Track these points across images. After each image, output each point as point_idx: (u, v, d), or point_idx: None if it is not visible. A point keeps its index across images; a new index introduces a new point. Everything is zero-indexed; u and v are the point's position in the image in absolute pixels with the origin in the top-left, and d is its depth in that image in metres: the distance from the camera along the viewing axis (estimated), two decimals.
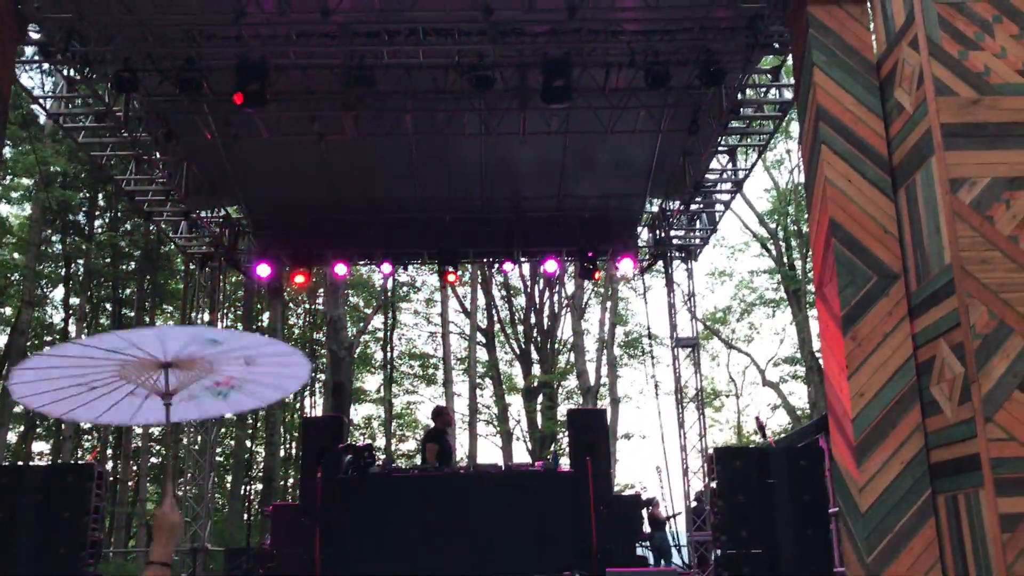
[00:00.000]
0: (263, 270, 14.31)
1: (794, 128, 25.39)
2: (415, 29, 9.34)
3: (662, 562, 14.05)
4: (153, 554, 2.56)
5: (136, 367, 3.05)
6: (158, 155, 11.83)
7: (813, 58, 7.55)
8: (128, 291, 26.36)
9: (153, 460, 28.46)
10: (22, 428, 25.96)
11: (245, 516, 27.15)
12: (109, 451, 26.91)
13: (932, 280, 6.44)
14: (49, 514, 7.72)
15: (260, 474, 27.63)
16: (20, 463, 21.27)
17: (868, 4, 7.70)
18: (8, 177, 23.01)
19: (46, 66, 11.16)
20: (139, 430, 26.32)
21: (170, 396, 3.05)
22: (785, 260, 27.68)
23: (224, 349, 3.12)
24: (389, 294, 29.14)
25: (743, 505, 8.51)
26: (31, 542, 7.65)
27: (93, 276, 25.09)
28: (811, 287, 26.13)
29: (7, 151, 21.29)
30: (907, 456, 6.55)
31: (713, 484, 9.01)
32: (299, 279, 14.50)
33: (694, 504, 14.03)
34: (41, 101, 11.09)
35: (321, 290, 25.45)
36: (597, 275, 14.98)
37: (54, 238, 24.86)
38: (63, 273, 25.24)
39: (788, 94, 10.92)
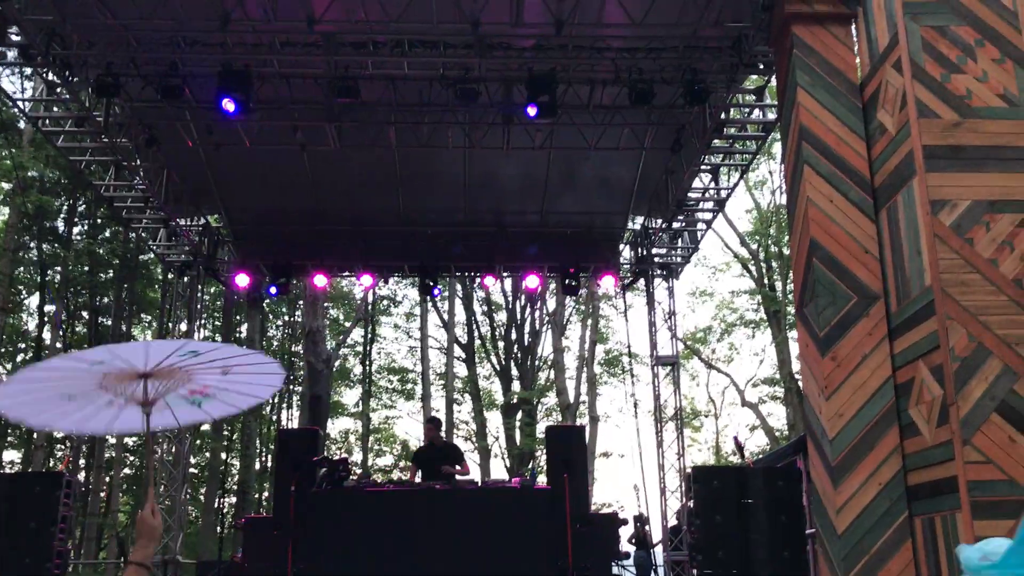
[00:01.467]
0: (242, 280, 14.21)
1: (777, 149, 25.54)
2: (401, 41, 9.32)
3: None
4: (133, 555, 2.56)
5: (116, 378, 3.07)
6: (138, 161, 11.71)
7: (797, 79, 7.57)
8: (105, 299, 26.10)
9: (126, 471, 28.13)
10: None
11: (219, 529, 26.83)
12: (82, 461, 26.57)
13: (912, 301, 6.44)
14: (16, 524, 7.57)
15: (235, 487, 27.35)
16: None
17: (852, 26, 7.75)
18: None
19: (27, 70, 11.04)
20: (112, 440, 26.03)
21: (149, 405, 3.07)
22: (766, 281, 27.79)
23: (202, 360, 3.16)
24: (369, 307, 29.00)
25: (720, 525, 8.46)
26: None
27: (70, 284, 24.83)
28: (791, 308, 26.23)
29: None
30: (885, 478, 6.53)
31: (690, 504, 8.96)
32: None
33: (672, 523, 13.97)
34: (20, 104, 10.96)
35: (301, 302, 25.28)
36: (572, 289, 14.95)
37: (31, 244, 24.60)
38: (39, 280, 24.96)
39: (772, 114, 10.97)
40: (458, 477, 10.24)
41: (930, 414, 6.12)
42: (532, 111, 9.49)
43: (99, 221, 24.71)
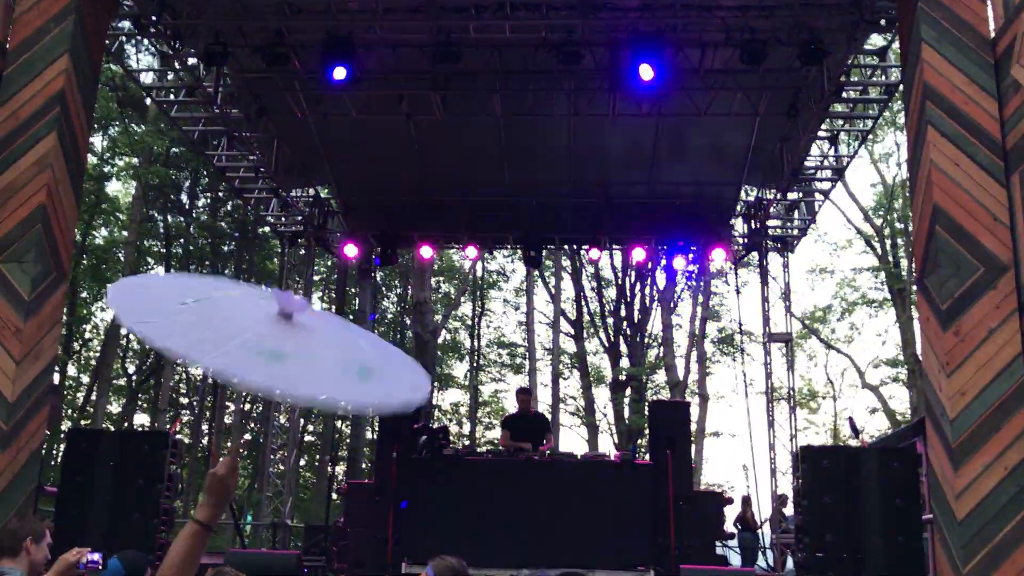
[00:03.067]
0: (350, 250, 14.37)
1: (903, 119, 24.34)
2: (503, 3, 9.14)
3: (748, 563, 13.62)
4: (199, 511, 2.25)
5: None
6: (248, 132, 11.93)
7: (921, 33, 7.03)
8: (226, 271, 27.01)
9: (247, 437, 29.17)
10: (123, 400, 26.91)
11: (330, 495, 27.57)
12: (204, 427, 27.68)
13: None
14: (124, 480, 7.82)
15: (346, 453, 28.01)
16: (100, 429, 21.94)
17: None
18: (115, 156, 23.79)
19: (146, 47, 11.38)
20: (232, 407, 27.01)
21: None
22: (890, 258, 26.59)
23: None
24: (479, 280, 29.14)
25: (829, 507, 8.05)
26: (105, 507, 7.76)
27: (192, 255, 25.78)
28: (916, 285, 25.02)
29: (113, 131, 22.01)
30: (1012, 462, 6.04)
31: (798, 484, 8.58)
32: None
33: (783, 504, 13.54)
34: (137, 76, 11.28)
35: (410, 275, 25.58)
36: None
37: (158, 216, 25.63)
38: (164, 251, 26.01)
39: (894, 76, 10.33)
40: (559, 449, 10.17)
41: None
42: (647, 73, 9.05)
43: (220, 194, 25.53)
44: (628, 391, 27.09)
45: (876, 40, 10.52)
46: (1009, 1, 6.70)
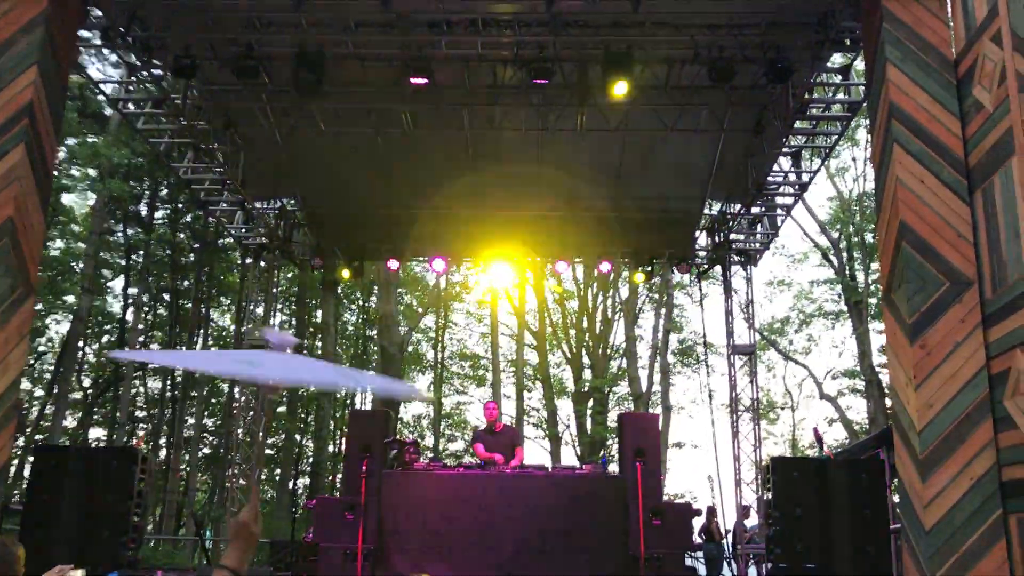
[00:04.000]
0: (316, 263, 14.30)
1: (860, 135, 24.80)
2: (474, 19, 9.19)
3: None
4: (227, 558, 2.33)
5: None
6: (216, 144, 11.85)
7: (887, 54, 7.21)
8: (186, 283, 26.69)
9: (205, 451, 28.80)
10: (80, 413, 26.45)
11: (292, 509, 27.29)
12: (163, 440, 27.27)
13: (1009, 288, 6.09)
14: (93, 496, 7.70)
15: (309, 468, 27.79)
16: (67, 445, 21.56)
17: None
18: (73, 168, 23.43)
19: (111, 58, 11.24)
20: (191, 420, 26.66)
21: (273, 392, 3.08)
22: (847, 271, 27.04)
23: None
24: (442, 294, 29.12)
25: (799, 518, 8.17)
26: (74, 523, 7.64)
27: (152, 267, 25.45)
28: (873, 299, 25.47)
29: (72, 141, 21.70)
30: (977, 472, 6.19)
31: (768, 495, 8.69)
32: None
33: (744, 517, 13.68)
34: (101, 87, 11.15)
35: (376, 287, 25.49)
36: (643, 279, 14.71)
37: (117, 228, 25.28)
38: (124, 263, 25.65)
39: (857, 95, 10.55)
40: (525, 461, 10.18)
41: None
42: (621, 89, 9.17)
43: (180, 206, 25.26)
44: (591, 403, 27.22)
45: (838, 58, 10.75)
46: (970, 23, 6.89)
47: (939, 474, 6.26)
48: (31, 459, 8.16)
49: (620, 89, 9.29)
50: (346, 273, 14.46)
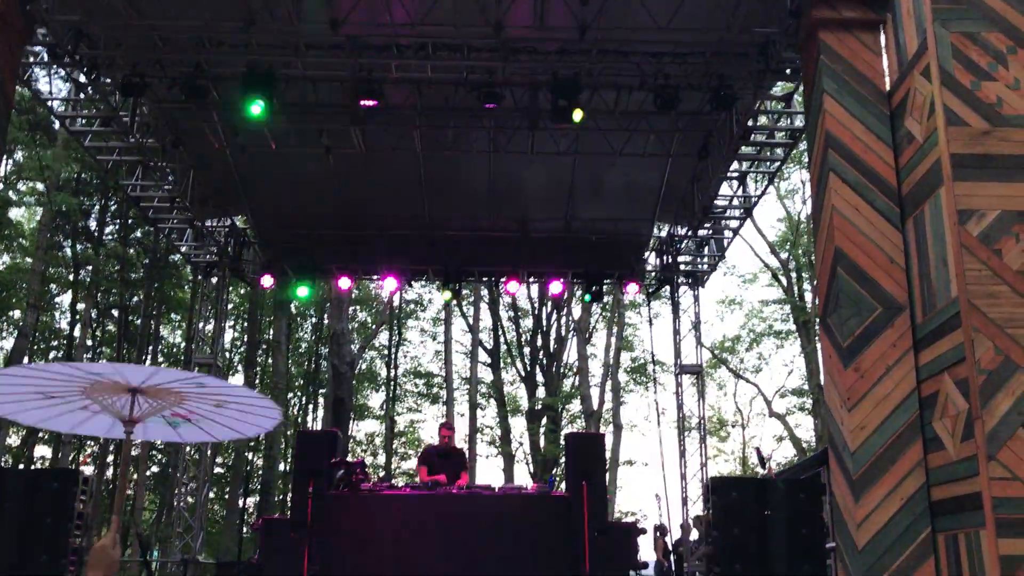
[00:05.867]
0: (267, 281, 14.27)
1: (807, 158, 25.27)
2: (425, 44, 9.29)
3: None
4: None
5: (104, 388, 3.04)
6: (165, 162, 11.79)
7: (823, 85, 7.45)
8: (135, 299, 26.34)
9: (153, 469, 28.36)
10: (24, 432, 25.92)
11: (242, 529, 26.98)
12: (109, 458, 26.82)
13: (938, 313, 6.31)
14: (32, 520, 7.59)
15: (259, 487, 27.48)
16: (8, 466, 21.16)
17: (881, 32, 7.61)
18: (20, 182, 23.10)
19: (61, 72, 11.13)
20: (139, 440, 26.22)
21: (132, 424, 3.05)
22: (795, 291, 27.51)
23: (204, 391, 3.14)
24: (395, 311, 29.05)
25: (738, 537, 8.31)
26: (13, 547, 7.52)
27: (101, 283, 25.10)
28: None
29: (19, 155, 21.39)
30: (907, 492, 6.39)
31: (708, 515, 8.82)
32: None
33: (688, 533, 13.83)
34: (49, 104, 11.04)
35: (328, 304, 25.37)
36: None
37: (64, 243, 24.91)
38: (71, 279, 25.26)
39: (800, 121, 10.83)
40: (476, 482, 10.22)
41: (955, 428, 5.98)
42: (578, 115, 9.41)
43: (130, 221, 24.96)
44: (544, 420, 27.31)
45: (781, 86, 11.01)
46: (902, 57, 7.15)
47: (871, 494, 6.45)
48: None
49: (576, 117, 9.47)
50: (302, 291, 14.42)
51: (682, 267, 14.78)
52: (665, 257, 14.73)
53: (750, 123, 10.62)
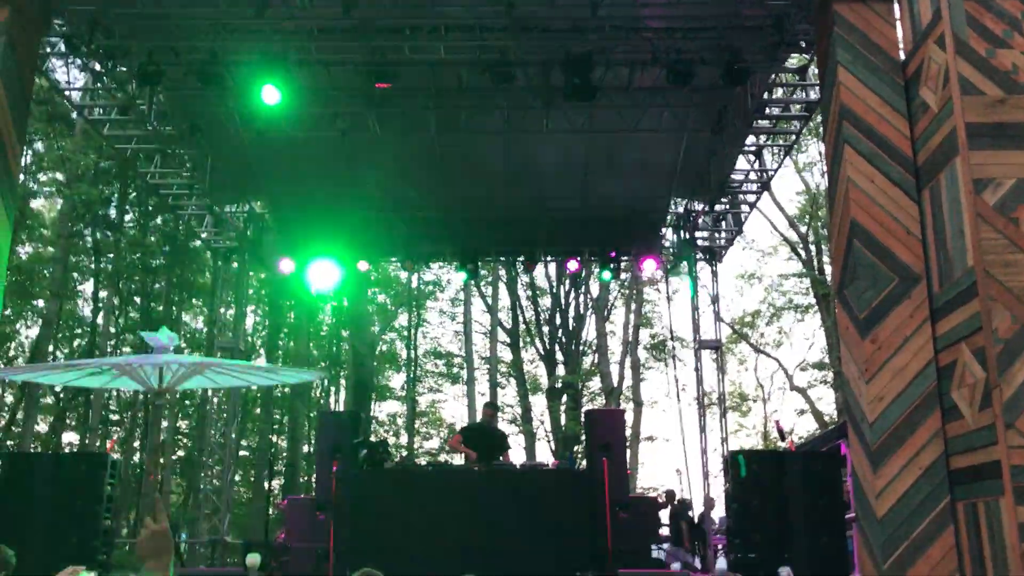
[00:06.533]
0: (286, 266, 14.37)
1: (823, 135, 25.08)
2: (437, 25, 9.30)
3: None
4: (154, 568, 2.26)
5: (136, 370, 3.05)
6: (182, 149, 11.89)
7: (837, 56, 7.42)
8: (156, 286, 26.59)
9: (180, 453, 28.73)
10: (52, 418, 26.29)
11: (268, 510, 27.30)
12: (136, 443, 27.18)
13: (955, 283, 6.31)
14: (63, 503, 7.76)
15: (284, 468, 27.78)
16: (38, 451, 21.46)
17: (895, 2, 7.56)
18: (40, 172, 23.29)
19: (78, 62, 11.22)
20: (166, 423, 26.58)
21: (162, 395, 3.07)
22: (815, 264, 27.39)
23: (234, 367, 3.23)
24: (414, 292, 29.19)
25: (757, 508, 8.37)
26: (44, 530, 7.69)
27: (122, 270, 25.34)
28: None
29: (39, 145, 21.58)
30: (925, 462, 6.42)
31: (728, 487, 8.90)
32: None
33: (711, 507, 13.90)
34: (67, 94, 11.16)
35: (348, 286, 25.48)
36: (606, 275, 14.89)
37: (85, 232, 25.14)
38: (93, 267, 25.51)
39: (815, 94, 10.77)
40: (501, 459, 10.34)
41: (972, 397, 5.99)
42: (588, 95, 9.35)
43: (150, 208, 25.15)
44: (564, 398, 27.40)
45: (796, 59, 10.95)
46: (917, 26, 7.11)
47: (890, 464, 6.48)
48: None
49: (588, 97, 9.48)
50: (320, 276, 14.53)
51: (700, 242, 14.76)
52: (683, 232, 14.69)
53: (765, 96, 10.58)
